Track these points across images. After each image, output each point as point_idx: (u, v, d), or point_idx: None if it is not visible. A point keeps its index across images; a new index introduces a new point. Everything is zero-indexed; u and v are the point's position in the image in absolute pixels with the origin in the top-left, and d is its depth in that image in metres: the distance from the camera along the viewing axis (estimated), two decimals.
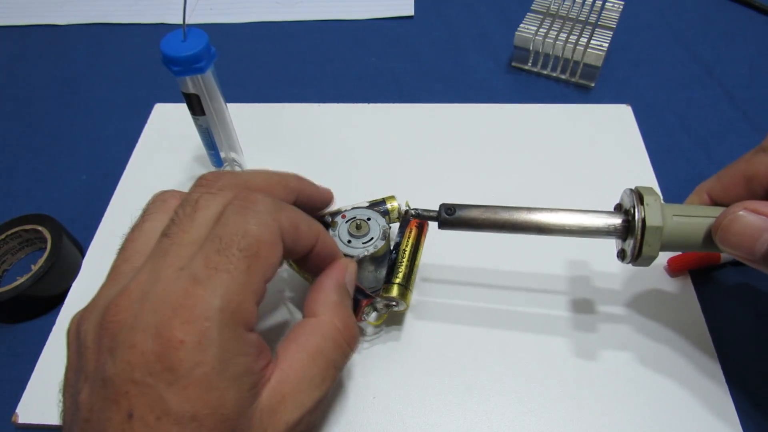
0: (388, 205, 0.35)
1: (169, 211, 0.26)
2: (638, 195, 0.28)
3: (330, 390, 0.26)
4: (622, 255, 0.29)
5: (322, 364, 0.25)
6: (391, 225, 0.34)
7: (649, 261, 0.28)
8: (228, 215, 0.24)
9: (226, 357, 0.21)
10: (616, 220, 0.29)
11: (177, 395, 0.20)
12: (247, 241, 0.23)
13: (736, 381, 0.32)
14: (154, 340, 0.20)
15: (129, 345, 0.21)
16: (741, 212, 0.27)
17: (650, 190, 0.29)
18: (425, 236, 0.34)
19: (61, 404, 0.23)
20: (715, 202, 0.31)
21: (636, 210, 0.28)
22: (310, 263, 0.28)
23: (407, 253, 0.33)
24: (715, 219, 0.28)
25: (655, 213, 0.27)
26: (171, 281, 0.22)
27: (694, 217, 0.28)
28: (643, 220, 0.27)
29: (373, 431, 0.31)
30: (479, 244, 0.38)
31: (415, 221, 0.34)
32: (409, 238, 0.34)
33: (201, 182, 0.26)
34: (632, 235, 0.28)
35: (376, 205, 0.35)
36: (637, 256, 0.28)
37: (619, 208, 0.30)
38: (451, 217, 0.30)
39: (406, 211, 0.32)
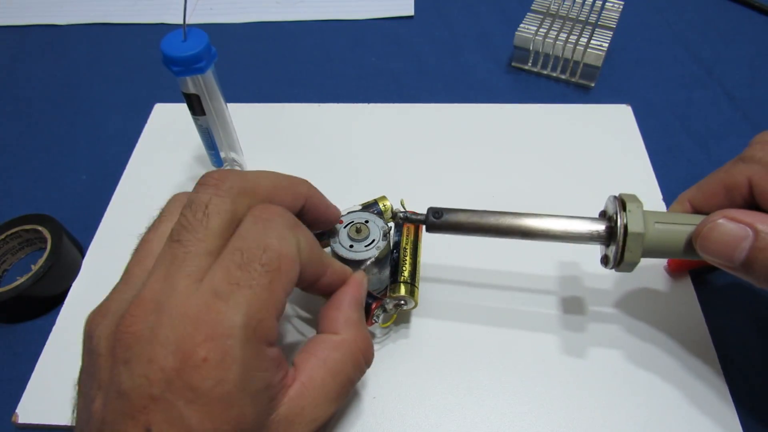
0: (381, 206, 0.35)
1: None
2: (621, 202, 0.29)
3: (343, 404, 0.26)
4: (605, 260, 0.30)
5: (341, 381, 0.25)
6: (390, 225, 0.34)
7: (631, 267, 0.29)
8: (247, 227, 0.23)
9: (247, 374, 0.21)
10: (600, 227, 0.29)
11: (198, 412, 0.20)
12: (268, 256, 0.22)
13: (736, 381, 0.32)
14: (174, 356, 0.20)
15: (147, 359, 0.20)
16: (720, 220, 0.27)
17: (633, 197, 0.29)
18: (422, 231, 0.35)
19: (75, 400, 0.23)
20: (696, 211, 0.32)
21: (618, 216, 0.28)
22: (318, 290, 0.28)
23: (408, 250, 0.33)
24: (695, 227, 0.28)
25: (636, 220, 0.28)
26: (190, 294, 0.21)
27: (675, 225, 0.29)
28: (625, 227, 0.28)
29: (373, 431, 0.31)
30: (480, 243, 0.38)
31: None
32: (408, 235, 0.34)
33: (207, 181, 0.25)
34: (614, 241, 0.29)
35: (369, 207, 0.35)
36: (619, 261, 0.29)
37: (603, 215, 0.31)
38: (438, 221, 0.30)
39: (394, 215, 0.32)
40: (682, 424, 0.31)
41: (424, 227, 0.34)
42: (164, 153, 0.46)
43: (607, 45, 0.49)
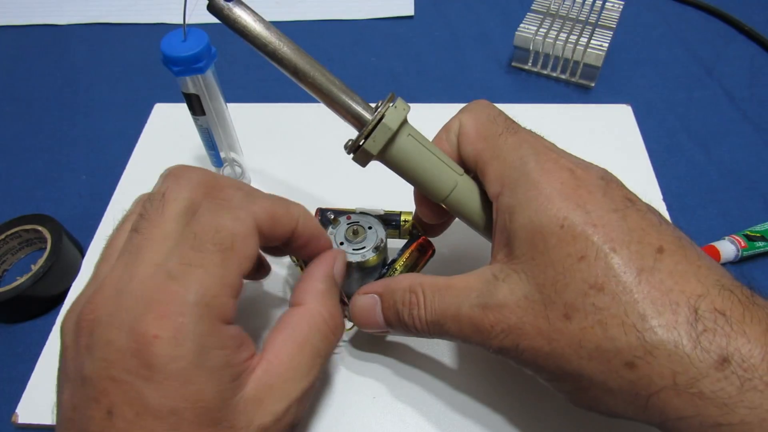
0: (402, 220, 0.34)
1: None
2: (391, 98, 0.28)
3: (317, 380, 0.26)
4: (347, 145, 0.29)
5: (309, 353, 0.25)
6: (386, 239, 0.33)
7: (365, 158, 0.28)
8: (201, 212, 0.24)
9: (203, 350, 0.21)
10: (363, 111, 0.28)
11: (155, 390, 0.20)
12: (221, 236, 0.23)
13: None
14: (128, 337, 0.20)
15: (105, 342, 0.21)
16: (355, 296, 0.30)
17: (405, 104, 0.28)
18: (425, 263, 0.34)
19: (55, 407, 0.24)
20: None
21: (383, 106, 0.27)
22: (294, 246, 0.28)
23: (397, 272, 0.32)
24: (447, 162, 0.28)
25: (397, 117, 0.27)
26: (146, 278, 0.22)
27: (427, 149, 0.28)
28: (383, 116, 0.27)
29: (373, 431, 0.31)
30: (479, 248, 0.38)
31: (416, 243, 0.33)
32: (405, 258, 0.33)
33: (167, 174, 0.26)
34: (365, 125, 0.27)
35: (390, 216, 0.34)
36: (357, 147, 0.27)
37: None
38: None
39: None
40: None
41: (430, 258, 0.33)
42: (164, 153, 0.46)
43: (607, 45, 0.49)
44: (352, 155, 0.28)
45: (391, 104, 0.27)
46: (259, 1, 0.64)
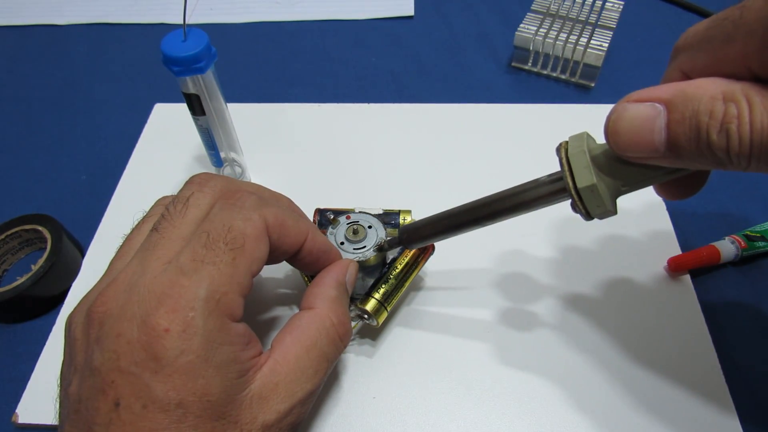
0: (401, 219, 0.34)
1: None
2: (565, 154, 0.24)
3: (322, 383, 0.26)
4: (576, 210, 0.25)
5: (316, 356, 0.26)
6: (389, 238, 0.33)
7: (610, 214, 0.24)
8: (215, 212, 0.24)
9: (211, 345, 0.22)
10: (555, 187, 0.25)
11: (162, 383, 0.21)
12: (232, 235, 0.23)
13: (736, 381, 0.32)
14: (139, 329, 0.21)
15: (115, 334, 0.21)
16: (625, 104, 0.22)
17: (578, 140, 0.25)
18: (426, 260, 0.34)
19: (57, 400, 0.24)
20: None
21: (565, 176, 0.24)
22: (303, 262, 0.28)
23: (397, 271, 0.33)
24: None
25: (584, 174, 0.24)
26: (158, 273, 0.22)
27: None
28: (575, 187, 0.23)
29: (373, 431, 0.31)
30: (481, 246, 0.38)
31: None
32: (405, 257, 0.33)
33: (193, 180, 0.27)
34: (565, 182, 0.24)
35: (389, 215, 0.34)
36: (589, 217, 0.24)
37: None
38: (407, 239, 0.31)
39: (380, 245, 0.32)
40: (682, 424, 0.31)
41: (431, 254, 0.34)
42: (164, 153, 0.46)
43: (607, 45, 0.49)
44: (588, 217, 0.24)
45: (569, 170, 0.24)
46: (259, 1, 0.64)
